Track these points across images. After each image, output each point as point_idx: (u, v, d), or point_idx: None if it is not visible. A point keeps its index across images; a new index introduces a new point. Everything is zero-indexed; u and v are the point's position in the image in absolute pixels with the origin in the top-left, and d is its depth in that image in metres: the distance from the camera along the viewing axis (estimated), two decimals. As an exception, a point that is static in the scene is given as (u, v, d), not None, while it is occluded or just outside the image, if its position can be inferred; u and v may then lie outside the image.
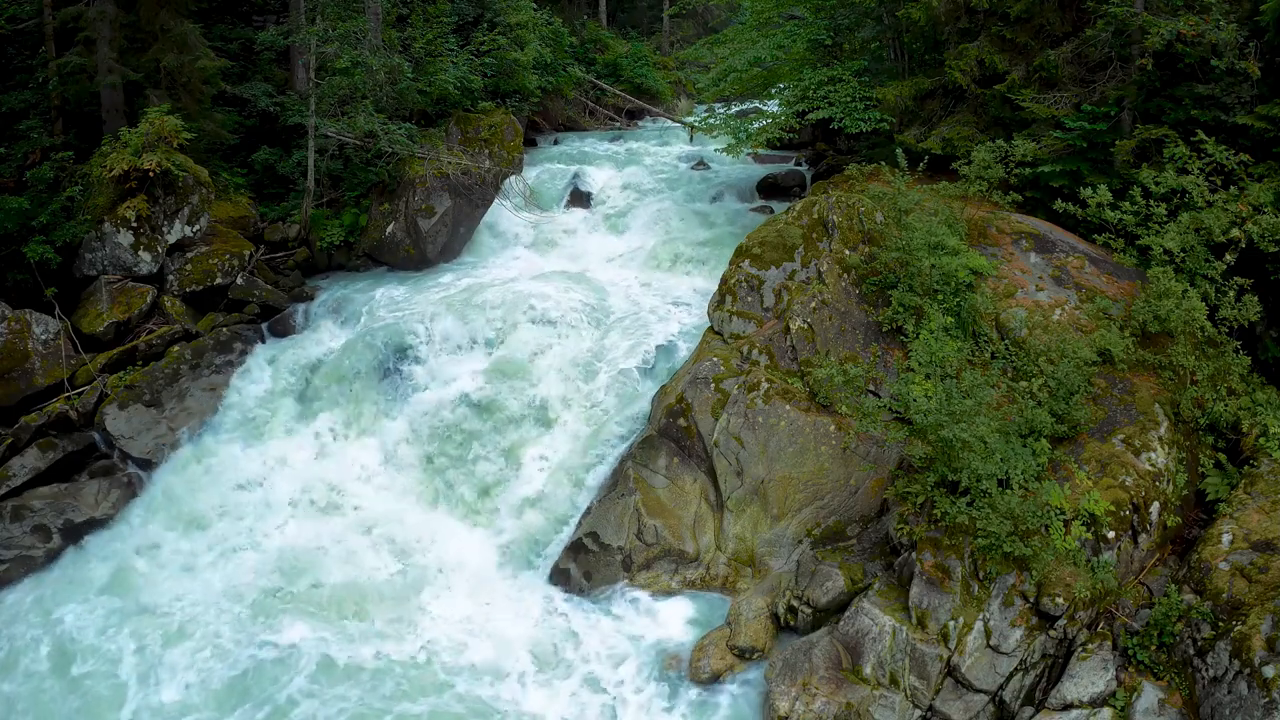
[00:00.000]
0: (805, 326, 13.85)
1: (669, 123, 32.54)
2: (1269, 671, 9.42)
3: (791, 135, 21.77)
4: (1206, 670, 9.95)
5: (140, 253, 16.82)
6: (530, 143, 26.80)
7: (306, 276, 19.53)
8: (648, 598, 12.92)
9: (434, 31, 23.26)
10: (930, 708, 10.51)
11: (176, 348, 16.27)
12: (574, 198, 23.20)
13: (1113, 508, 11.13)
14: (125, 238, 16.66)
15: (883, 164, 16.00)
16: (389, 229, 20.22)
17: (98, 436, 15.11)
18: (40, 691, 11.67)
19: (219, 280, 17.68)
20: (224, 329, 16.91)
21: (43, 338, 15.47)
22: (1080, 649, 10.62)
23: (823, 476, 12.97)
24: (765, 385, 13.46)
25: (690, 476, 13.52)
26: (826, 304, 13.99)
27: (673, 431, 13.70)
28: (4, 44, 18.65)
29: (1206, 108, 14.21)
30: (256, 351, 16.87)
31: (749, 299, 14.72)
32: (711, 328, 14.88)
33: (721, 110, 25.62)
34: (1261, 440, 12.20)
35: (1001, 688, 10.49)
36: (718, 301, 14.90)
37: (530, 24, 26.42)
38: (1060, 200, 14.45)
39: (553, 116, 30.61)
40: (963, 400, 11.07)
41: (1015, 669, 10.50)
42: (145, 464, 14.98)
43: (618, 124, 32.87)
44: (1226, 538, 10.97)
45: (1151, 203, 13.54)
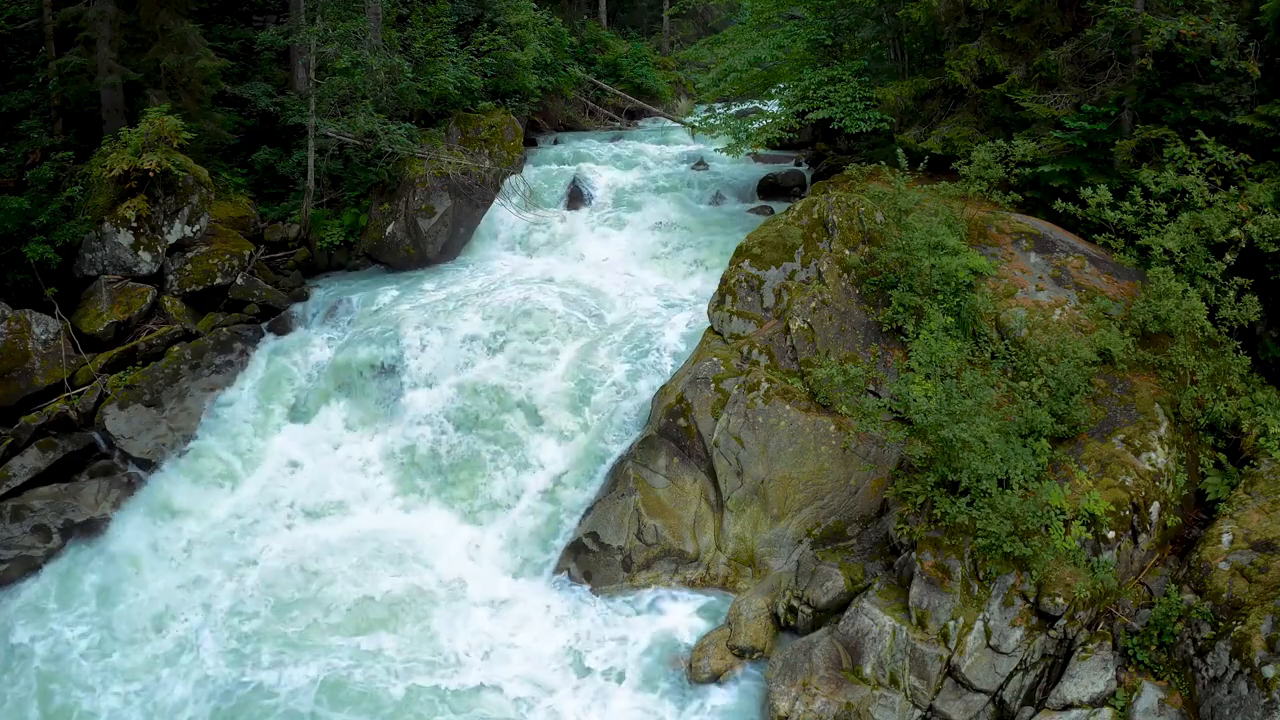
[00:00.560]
0: (805, 326, 13.85)
1: (669, 123, 32.53)
2: (1269, 671, 9.42)
3: (791, 135, 21.78)
4: (1206, 670, 9.95)
5: (140, 253, 16.82)
6: (530, 143, 26.80)
7: (306, 276, 19.55)
8: (648, 598, 12.92)
9: (434, 31, 23.27)
10: (930, 708, 10.51)
11: (176, 348, 16.28)
12: (574, 198, 23.20)
13: (1113, 508, 11.13)
14: (125, 238, 16.67)
15: (883, 164, 16.00)
16: (389, 229, 20.22)
17: (98, 436, 15.11)
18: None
19: (219, 280, 17.69)
20: (224, 329, 16.91)
21: (43, 338, 15.47)
22: (1080, 649, 10.62)
23: (823, 476, 12.97)
24: (765, 385, 13.46)
25: (690, 476, 13.52)
26: (826, 304, 13.99)
27: (673, 431, 13.70)
28: (4, 44, 18.66)
29: (1206, 108, 14.20)
30: (256, 351, 16.88)
31: (749, 299, 14.72)
32: (711, 328, 14.88)
33: (721, 110, 25.62)
34: (1261, 440, 12.20)
35: (1001, 688, 10.49)
36: (718, 301, 14.90)
37: (530, 24, 26.42)
38: (1060, 200, 14.44)
39: (553, 116, 30.59)
40: (963, 400, 11.07)
41: (1015, 669, 10.50)
42: (145, 464, 14.98)
43: (618, 124, 32.87)
44: (1226, 538, 10.97)
45: (1151, 203, 13.54)
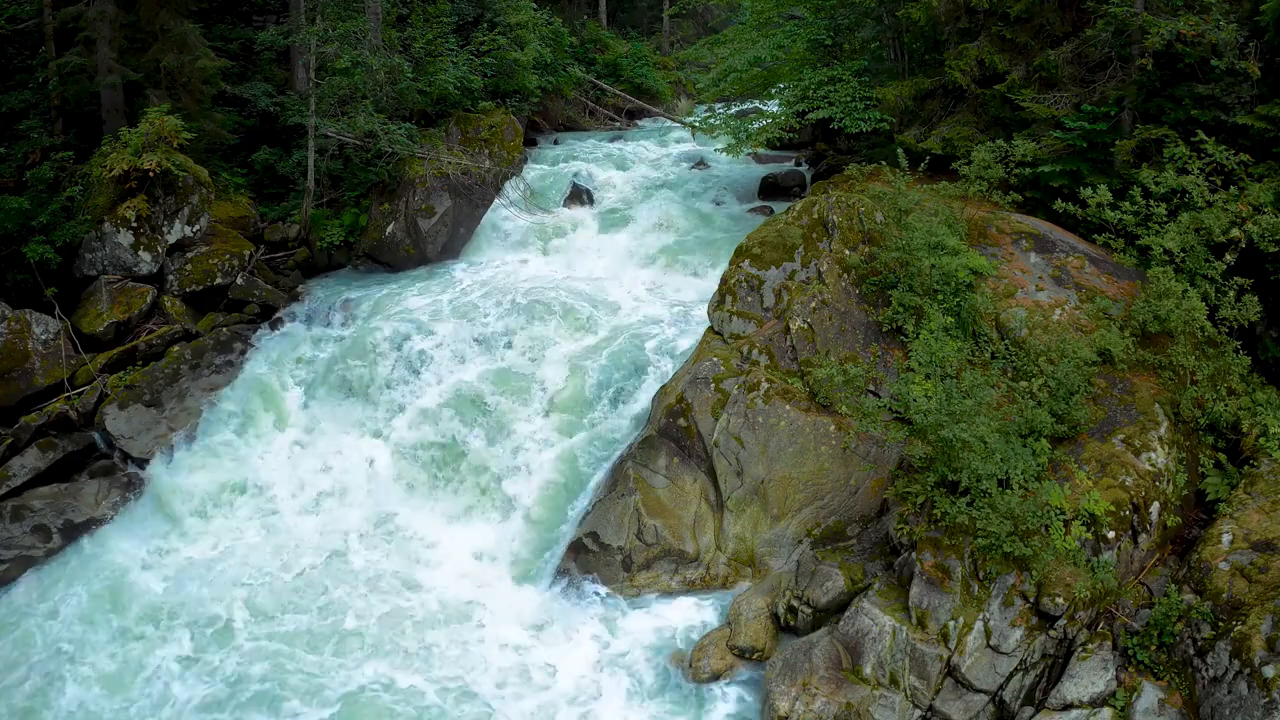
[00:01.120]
0: (805, 326, 13.85)
1: (669, 123, 32.52)
2: (1269, 671, 9.42)
3: (791, 135, 21.77)
4: (1206, 670, 9.95)
5: (140, 253, 16.82)
6: (530, 143, 26.80)
7: (306, 276, 19.55)
8: (647, 598, 12.92)
9: (434, 31, 23.27)
10: (930, 708, 10.51)
11: (176, 348, 16.28)
12: (574, 197, 23.20)
13: (1113, 508, 11.13)
14: (125, 238, 16.67)
15: (883, 164, 16.00)
16: (389, 229, 20.22)
17: (98, 436, 15.13)
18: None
19: (219, 280, 17.69)
20: (224, 329, 16.92)
21: (43, 338, 15.48)
22: (1080, 649, 10.62)
23: (823, 476, 12.97)
24: (765, 385, 13.46)
25: (690, 476, 13.52)
26: (826, 304, 13.99)
27: (673, 431, 13.70)
28: (4, 44, 18.67)
29: (1206, 108, 14.20)
30: (256, 351, 16.87)
31: (749, 299, 14.72)
32: (711, 328, 14.88)
33: (721, 110, 25.62)
34: (1261, 440, 12.20)
35: (1001, 688, 10.49)
36: (718, 301, 14.90)
37: (530, 24, 26.42)
38: (1060, 200, 14.44)
39: (553, 116, 30.59)
40: (963, 400, 11.07)
41: (1015, 669, 10.49)
42: (145, 464, 14.98)
43: (618, 124, 32.86)
44: (1226, 538, 10.97)
45: (1151, 203, 13.54)
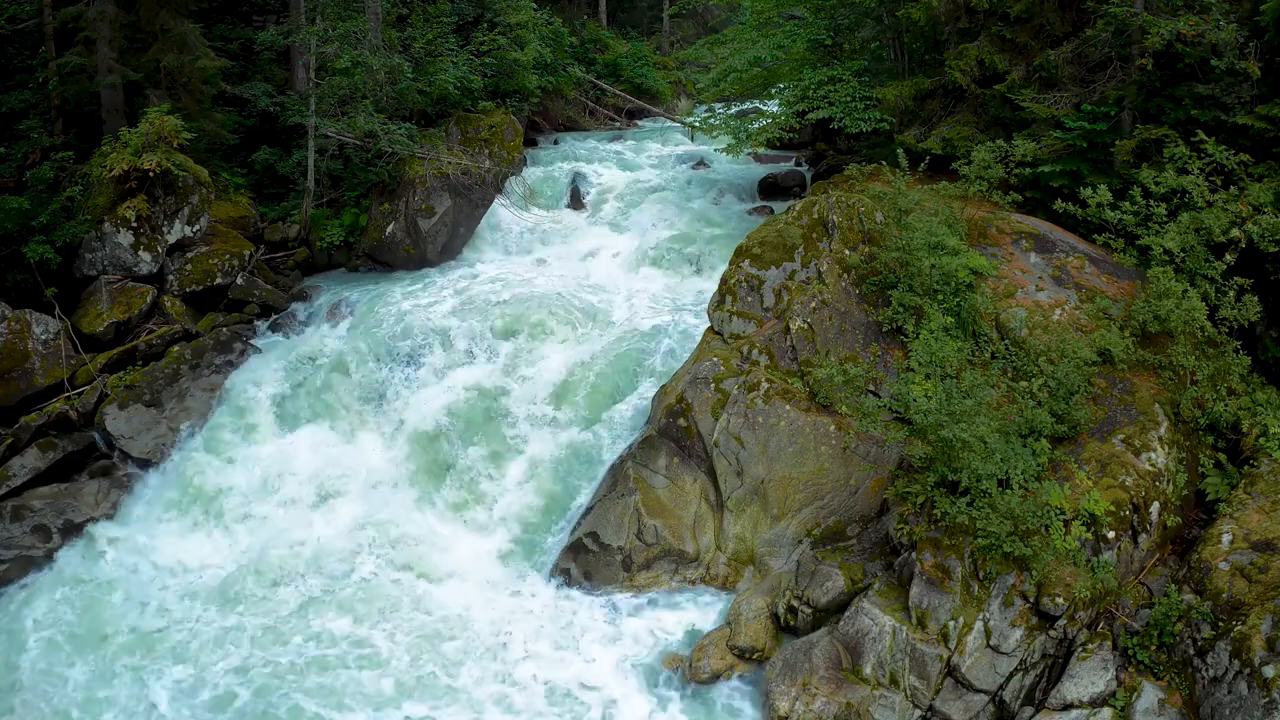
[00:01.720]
0: (805, 326, 13.85)
1: (669, 123, 32.51)
2: (1269, 671, 9.42)
3: (791, 135, 21.76)
4: (1206, 670, 9.95)
5: (140, 253, 16.82)
6: (530, 143, 26.79)
7: (306, 276, 19.57)
8: (648, 597, 12.92)
9: (434, 31, 23.26)
10: (930, 708, 10.51)
11: (176, 348, 16.28)
12: (574, 197, 23.20)
13: (1113, 508, 11.13)
14: (125, 238, 16.67)
15: (883, 164, 16.00)
16: (389, 229, 20.22)
17: (98, 436, 15.13)
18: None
19: (219, 280, 17.69)
20: (224, 329, 16.92)
21: (43, 338, 15.48)
22: (1080, 649, 10.62)
23: (823, 476, 12.97)
24: (765, 385, 13.46)
25: (690, 476, 13.52)
26: (826, 304, 13.99)
27: (673, 431, 13.70)
28: (4, 44, 18.66)
29: (1206, 108, 14.20)
30: (255, 351, 16.87)
31: (749, 299, 14.72)
32: (711, 328, 14.88)
33: (721, 110, 25.63)
34: (1261, 440, 12.20)
35: (1001, 688, 10.49)
36: (718, 301, 14.90)
37: (530, 24, 26.41)
38: (1060, 200, 14.44)
39: (553, 116, 30.58)
40: (963, 400, 11.07)
41: (1015, 669, 10.50)
42: (145, 464, 14.98)
43: (618, 124, 32.86)
44: (1226, 538, 10.97)
45: (1151, 203, 13.54)
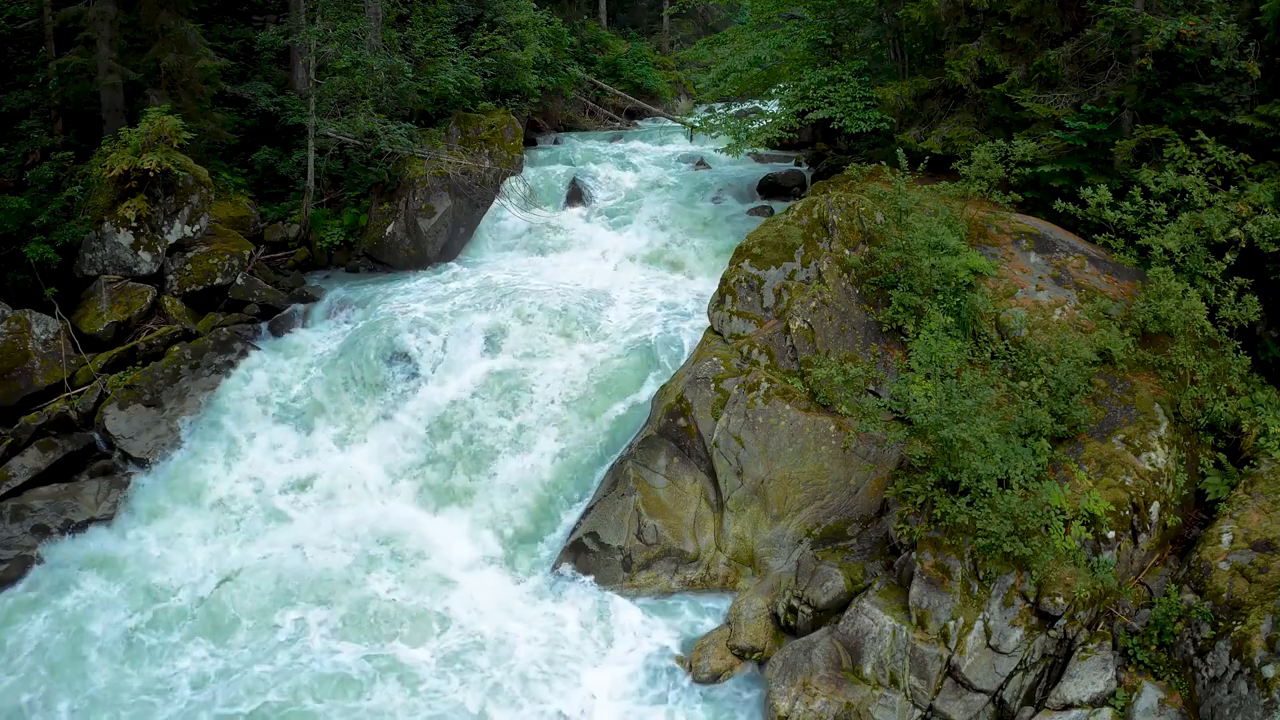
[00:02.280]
0: (805, 326, 13.85)
1: (669, 122, 32.53)
2: (1269, 671, 9.42)
3: (791, 135, 21.75)
4: (1206, 670, 9.95)
5: (140, 253, 16.82)
6: (530, 143, 26.80)
7: (306, 276, 19.55)
8: (648, 598, 12.93)
9: (434, 31, 23.27)
10: (930, 708, 10.51)
11: (176, 348, 16.28)
12: (574, 197, 23.21)
13: (1113, 508, 11.13)
14: (125, 238, 16.67)
15: (883, 164, 16.00)
16: (389, 229, 20.22)
17: (97, 436, 15.12)
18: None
19: (219, 280, 17.69)
20: (224, 329, 16.91)
21: (43, 338, 15.48)
22: (1080, 649, 10.63)
23: (823, 476, 12.97)
24: (765, 385, 13.46)
25: (690, 476, 13.52)
26: (826, 304, 13.99)
27: (673, 431, 13.70)
28: (4, 44, 18.66)
29: (1206, 108, 14.21)
30: (256, 351, 16.87)
31: (749, 299, 14.72)
32: (711, 328, 14.88)
33: (721, 110, 25.61)
34: (1261, 440, 12.20)
35: (1001, 688, 10.49)
36: (718, 301, 14.90)
37: (530, 24, 26.42)
38: (1060, 200, 14.45)
39: (553, 116, 30.60)
40: (963, 400, 11.07)
41: (1015, 669, 10.50)
42: (145, 464, 14.98)
43: (618, 124, 32.87)
44: (1226, 538, 10.97)
45: (1151, 203, 13.54)
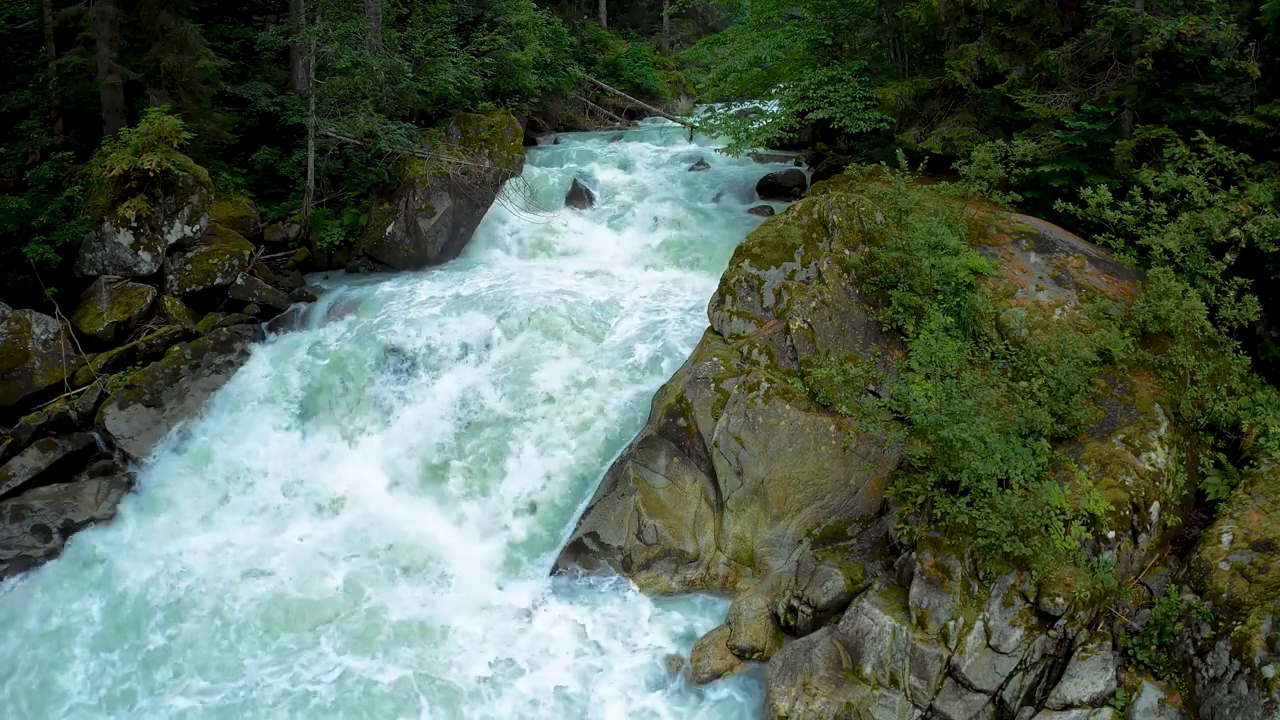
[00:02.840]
0: (805, 326, 13.85)
1: (669, 123, 32.53)
2: (1269, 671, 9.42)
3: (791, 135, 21.78)
4: (1206, 670, 9.95)
5: (140, 253, 16.81)
6: (530, 142, 26.80)
7: (306, 276, 19.55)
8: (648, 598, 12.93)
9: (434, 31, 23.27)
10: (930, 708, 10.51)
11: (176, 348, 16.28)
12: (574, 197, 23.22)
13: (1113, 508, 11.13)
14: (125, 238, 16.66)
15: (883, 164, 16.00)
16: (389, 229, 20.22)
17: (97, 436, 15.12)
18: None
19: (219, 280, 17.69)
20: (224, 329, 16.91)
21: (43, 338, 15.47)
22: (1080, 649, 10.63)
23: (823, 476, 12.97)
24: (765, 385, 13.46)
25: (690, 476, 13.52)
26: (826, 304, 13.99)
27: (673, 431, 13.70)
28: (4, 44, 18.65)
29: (1206, 108, 14.21)
30: (256, 351, 16.87)
31: (749, 299, 14.72)
32: (711, 328, 14.87)
33: (721, 110, 25.63)
34: (1261, 440, 12.20)
35: (1001, 688, 10.49)
36: (718, 301, 14.90)
37: (530, 24, 26.42)
38: (1060, 200, 14.45)
39: (553, 116, 30.60)
40: (963, 400, 11.07)
41: (1015, 669, 10.50)
42: (144, 464, 14.97)
43: (618, 124, 32.87)
44: (1226, 538, 10.97)
45: (1151, 203, 13.54)
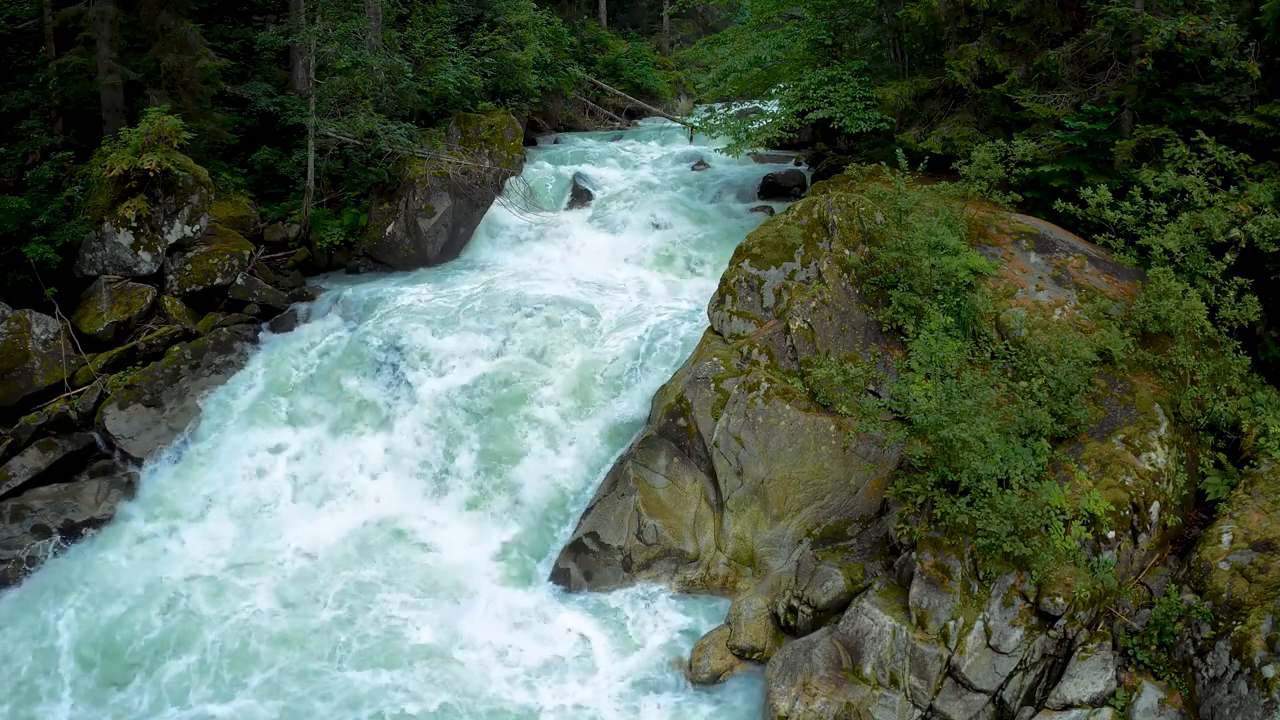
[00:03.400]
0: (805, 326, 13.86)
1: (669, 123, 32.53)
2: (1269, 671, 9.43)
3: (791, 135, 21.77)
4: (1206, 670, 9.95)
5: (140, 253, 16.81)
6: (530, 142, 26.80)
7: (306, 276, 19.54)
8: (647, 598, 12.92)
9: (434, 31, 23.27)
10: (930, 708, 10.51)
11: (176, 348, 16.28)
12: (574, 197, 23.22)
13: (1113, 508, 11.13)
14: (125, 238, 16.66)
15: (883, 164, 16.00)
16: (389, 229, 20.22)
17: (97, 436, 15.12)
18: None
19: (219, 280, 17.69)
20: (224, 329, 16.91)
21: (43, 338, 15.47)
22: (1080, 649, 10.63)
23: (823, 476, 12.97)
24: (765, 385, 13.46)
25: (690, 476, 13.52)
26: (826, 304, 14.00)
27: (673, 431, 13.70)
28: (4, 44, 18.64)
29: (1206, 108, 14.21)
30: (256, 351, 16.87)
31: (749, 299, 14.72)
32: (711, 328, 14.88)
33: (721, 110, 25.62)
34: (1261, 440, 12.20)
35: (1001, 688, 10.49)
36: (718, 301, 14.90)
37: (530, 24, 26.43)
38: (1060, 200, 14.45)
39: (553, 116, 30.61)
40: (963, 400, 11.07)
41: (1015, 669, 10.50)
42: (145, 464, 14.96)
43: (618, 124, 32.88)
44: (1226, 538, 10.97)
45: (1151, 203, 13.54)
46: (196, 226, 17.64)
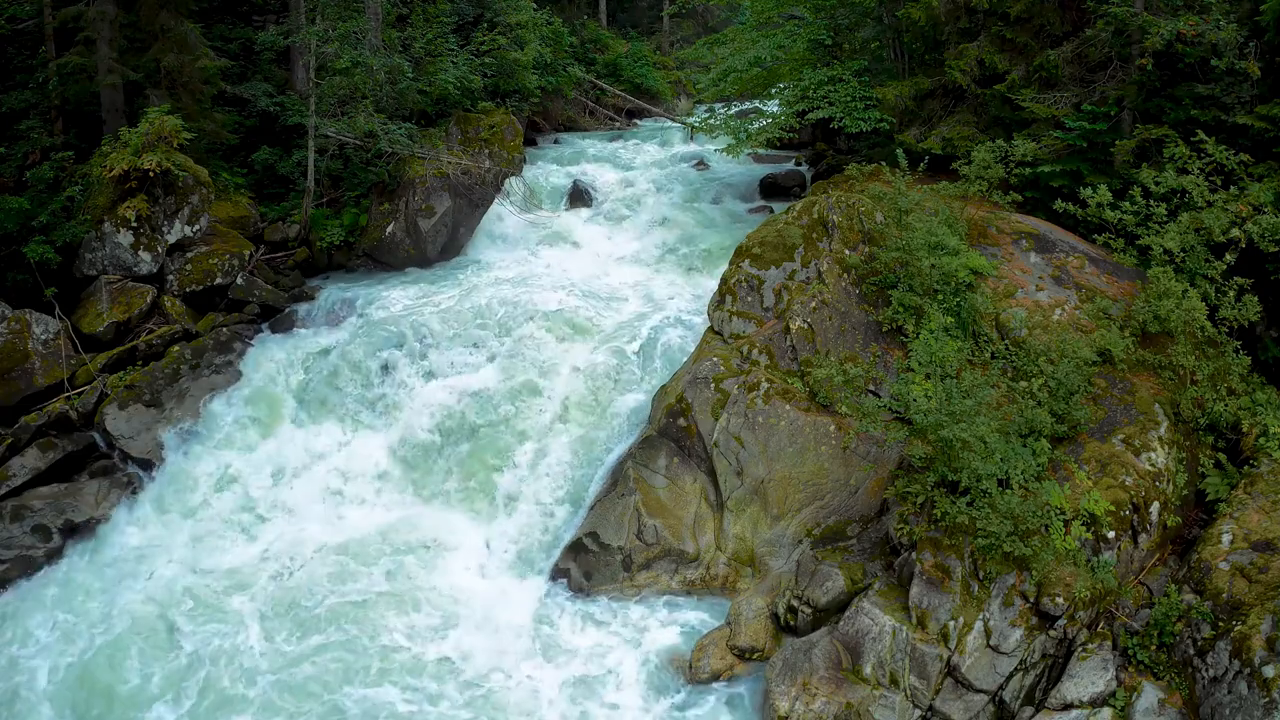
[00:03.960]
0: (805, 326, 13.86)
1: (669, 123, 32.54)
2: (1269, 671, 9.42)
3: (791, 135, 21.78)
4: (1206, 670, 9.95)
5: (140, 253, 16.82)
6: (530, 143, 26.81)
7: (306, 276, 19.54)
8: (647, 597, 12.92)
9: (434, 31, 23.27)
10: (930, 708, 10.51)
11: (176, 348, 16.28)
12: (574, 197, 23.23)
13: (1113, 508, 11.13)
14: (125, 238, 16.67)
15: (883, 164, 16.00)
16: (389, 229, 20.22)
17: (97, 436, 15.12)
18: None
19: (219, 280, 17.69)
20: (224, 329, 16.91)
21: (43, 338, 15.47)
22: (1080, 649, 10.63)
23: (823, 476, 12.97)
24: (765, 385, 13.46)
25: (690, 476, 13.52)
26: (826, 304, 14.00)
27: (673, 431, 13.70)
28: (4, 44, 18.65)
29: (1206, 108, 14.21)
30: (256, 351, 16.86)
31: (749, 299, 14.72)
32: (711, 328, 14.88)
33: (721, 110, 25.64)
34: (1261, 440, 12.20)
35: (1001, 688, 10.49)
36: (718, 301, 14.90)
37: (530, 24, 26.44)
38: (1060, 200, 14.45)
39: (553, 116, 30.62)
40: (963, 400, 11.07)
41: (1015, 669, 10.50)
42: (145, 464, 14.97)
43: (618, 124, 32.88)
44: (1226, 538, 10.97)
45: (1151, 203, 13.54)
46: (196, 226, 17.65)
